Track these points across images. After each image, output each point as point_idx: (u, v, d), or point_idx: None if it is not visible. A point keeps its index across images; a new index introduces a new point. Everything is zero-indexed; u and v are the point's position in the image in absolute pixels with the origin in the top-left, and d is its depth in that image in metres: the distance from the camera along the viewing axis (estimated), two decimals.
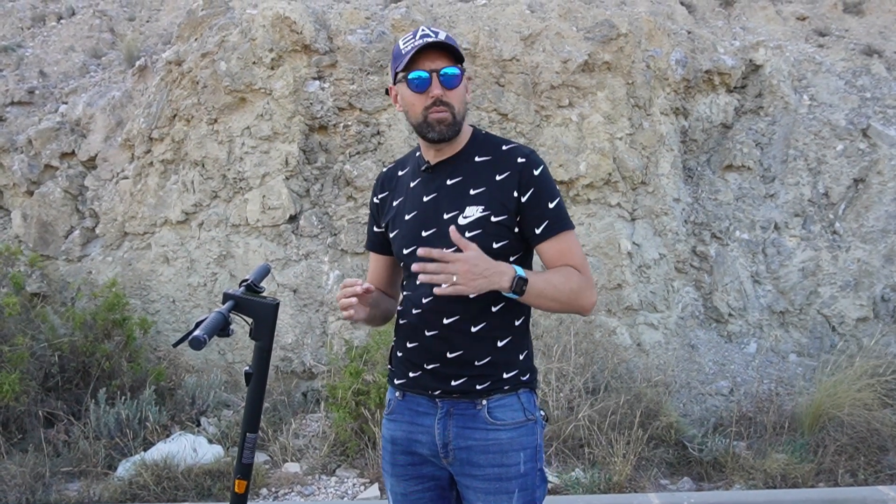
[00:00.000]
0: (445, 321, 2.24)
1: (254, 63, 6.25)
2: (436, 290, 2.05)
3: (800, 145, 6.80)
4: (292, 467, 4.98)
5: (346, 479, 4.89)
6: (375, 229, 2.49)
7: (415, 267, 2.06)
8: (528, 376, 2.32)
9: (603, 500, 4.42)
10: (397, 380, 2.39)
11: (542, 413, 2.38)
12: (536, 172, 2.25)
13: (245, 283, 2.27)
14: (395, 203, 2.39)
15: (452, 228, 2.07)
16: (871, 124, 6.84)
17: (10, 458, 4.82)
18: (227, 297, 2.22)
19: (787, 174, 6.76)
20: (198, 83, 6.39)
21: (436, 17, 6.71)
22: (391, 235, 2.38)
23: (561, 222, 2.25)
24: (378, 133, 6.30)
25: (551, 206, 2.24)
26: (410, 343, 2.32)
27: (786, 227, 6.65)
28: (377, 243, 2.49)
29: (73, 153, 6.83)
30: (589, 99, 6.46)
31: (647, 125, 6.57)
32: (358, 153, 6.29)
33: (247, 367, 2.26)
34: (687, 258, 6.55)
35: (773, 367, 6.24)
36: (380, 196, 2.46)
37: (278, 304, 2.26)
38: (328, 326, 6.06)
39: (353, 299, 2.21)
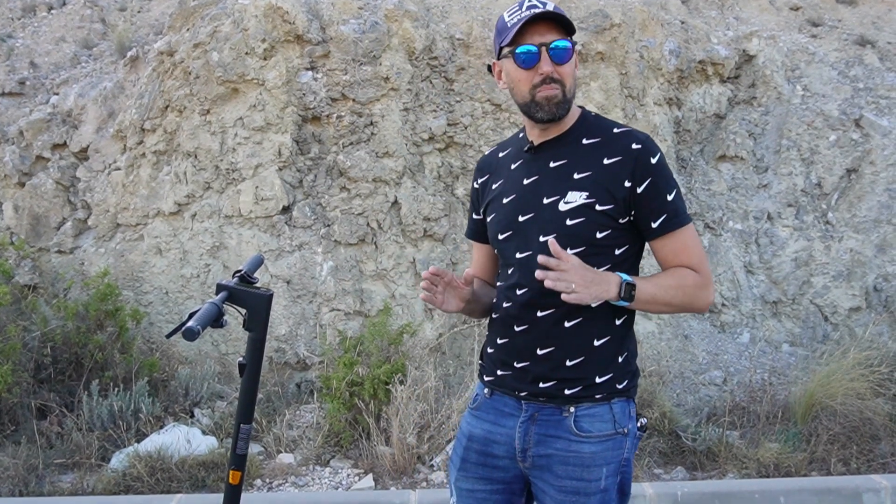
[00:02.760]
0: (539, 314, 2.10)
1: (246, 53, 6.22)
2: (564, 297, 1.92)
3: (793, 135, 6.81)
4: (286, 458, 4.97)
5: (339, 470, 4.89)
6: (475, 216, 2.37)
7: (538, 274, 1.92)
8: (625, 383, 2.14)
9: None
10: (487, 377, 2.27)
11: (642, 422, 2.18)
12: (654, 161, 2.06)
13: (238, 274, 2.25)
14: (494, 186, 2.26)
15: (552, 240, 1.93)
16: (864, 114, 6.85)
17: (2, 450, 4.81)
18: (220, 287, 2.20)
19: (780, 164, 6.77)
20: (190, 74, 6.36)
21: (429, 6, 6.68)
22: (488, 220, 2.25)
23: (679, 217, 2.08)
24: (371, 123, 6.28)
25: (670, 198, 2.06)
26: (501, 339, 2.20)
27: (779, 218, 6.67)
28: (477, 231, 2.36)
29: (64, 144, 6.79)
30: (582, 89, 6.45)
31: (641, 115, 6.57)
32: (351, 144, 6.27)
33: (240, 358, 2.24)
34: None
35: (766, 357, 6.26)
36: (479, 181, 2.33)
37: (272, 294, 2.24)
38: (322, 317, 6.05)
39: (435, 287, 2.12)
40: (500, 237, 2.19)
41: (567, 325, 2.08)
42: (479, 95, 6.33)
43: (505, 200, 2.19)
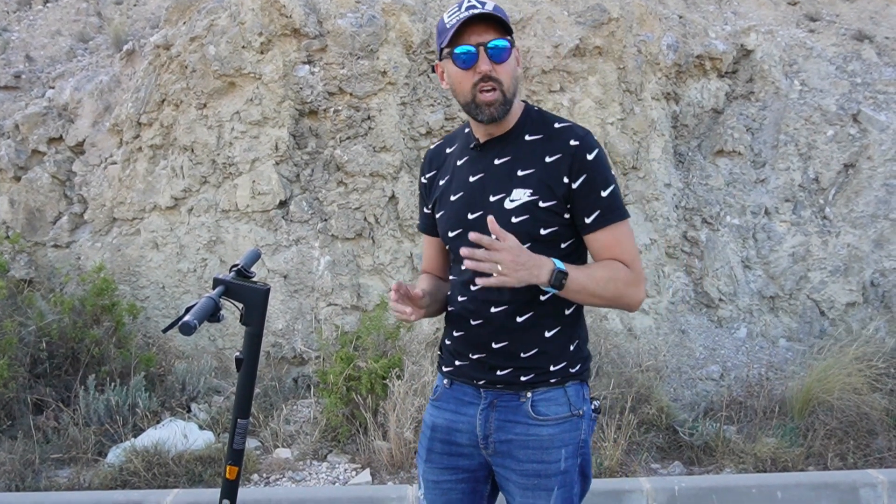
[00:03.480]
0: (493, 310, 2.15)
1: (243, 47, 6.20)
2: (478, 280, 1.96)
3: (790, 130, 6.80)
4: (283, 453, 4.97)
5: (337, 465, 4.88)
6: (425, 210, 2.39)
7: (464, 251, 1.96)
8: (578, 367, 2.22)
9: (594, 484, 4.42)
10: (445, 367, 2.32)
11: (595, 405, 2.26)
12: (590, 157, 2.10)
13: (235, 269, 2.25)
14: (441, 182, 2.29)
15: (491, 218, 1.96)
16: (862, 109, 6.85)
17: None
18: (217, 282, 2.20)
19: (777, 159, 6.76)
20: (186, 67, 6.33)
21: (426, 1, 6.66)
22: (437, 216, 2.29)
23: (614, 212, 2.11)
24: (369, 118, 6.27)
25: (604, 194, 2.10)
26: (458, 332, 2.25)
27: (776, 213, 6.66)
28: (429, 225, 2.38)
29: (60, 138, 6.77)
30: (580, 84, 6.44)
31: (639, 110, 6.56)
32: (348, 138, 6.25)
33: (238, 353, 2.24)
34: (678, 243, 6.55)
35: (763, 352, 6.26)
36: (427, 175, 2.36)
37: (269, 289, 2.24)
38: (319, 312, 6.04)
39: (408, 309, 2.12)
40: (451, 234, 2.23)
41: (519, 320, 2.14)
42: None
43: (453, 198, 2.23)
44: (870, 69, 7.20)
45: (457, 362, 2.27)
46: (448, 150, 2.34)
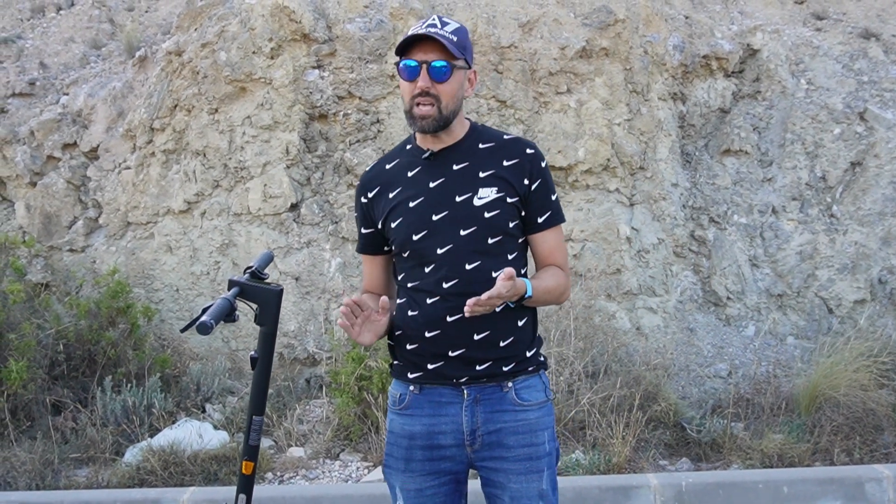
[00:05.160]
0: None
1: (253, 53, 6.29)
2: (466, 312, 2.11)
3: (797, 129, 6.84)
4: (297, 452, 5.05)
5: (349, 463, 4.96)
6: (364, 231, 2.46)
7: (468, 310, 2.10)
8: (542, 356, 2.42)
9: (603, 480, 4.49)
10: (411, 374, 2.35)
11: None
12: (543, 164, 2.35)
13: (249, 270, 2.32)
14: (391, 195, 2.36)
15: (509, 271, 2.10)
16: (869, 108, 6.88)
17: (19, 445, 4.90)
18: (232, 283, 2.27)
19: (784, 158, 6.80)
20: (198, 73, 6.43)
21: (434, 4, 6.74)
22: (393, 226, 2.34)
23: (559, 215, 2.39)
24: (378, 121, 6.35)
25: (553, 198, 2.37)
26: (430, 333, 2.29)
27: (783, 211, 6.70)
28: (369, 245, 2.47)
29: (75, 144, 6.88)
30: (587, 85, 6.49)
31: (645, 111, 6.61)
32: (358, 141, 6.34)
33: (252, 352, 2.30)
34: (685, 242, 6.60)
35: (771, 350, 6.30)
36: (369, 195, 2.42)
37: (282, 289, 2.31)
38: (330, 313, 6.12)
39: (353, 322, 2.19)
40: (415, 238, 2.30)
41: (497, 309, 2.23)
42: (485, 92, 6.39)
43: (412, 204, 2.32)
44: (876, 67, 7.22)
45: (429, 365, 2.31)
46: (388, 166, 2.42)
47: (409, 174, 2.37)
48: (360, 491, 4.53)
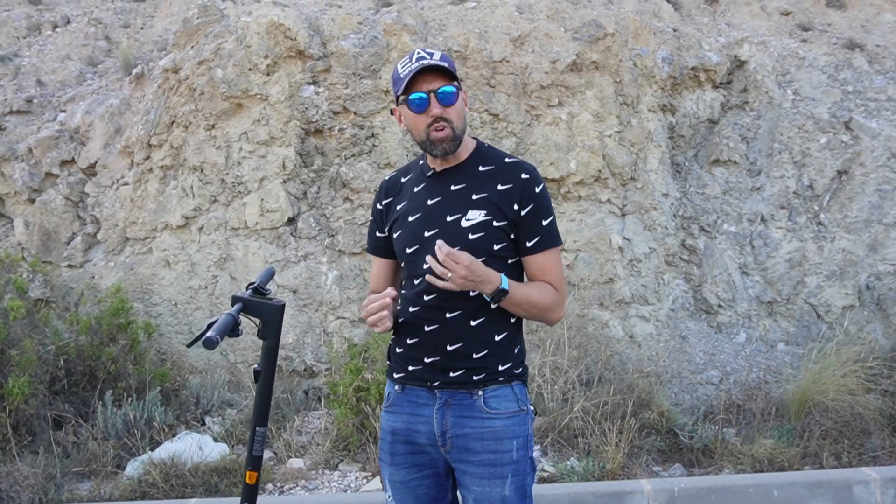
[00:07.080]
0: (448, 316, 2.40)
1: (249, 69, 6.39)
2: (427, 278, 2.27)
3: (784, 139, 6.96)
4: (296, 463, 5.12)
5: (348, 474, 5.03)
6: (378, 234, 2.63)
7: (429, 257, 2.24)
8: (520, 370, 2.50)
9: (597, 486, 4.57)
10: (396, 374, 2.54)
11: (532, 407, 2.54)
12: (537, 190, 2.44)
13: (252, 286, 2.42)
14: (398, 207, 2.54)
15: (440, 242, 2.24)
16: (854, 117, 7.00)
17: (21, 460, 4.95)
18: (235, 299, 2.37)
19: (772, 167, 6.91)
20: (195, 90, 6.52)
21: (426, 20, 6.85)
22: (395, 236, 2.53)
23: (551, 240, 2.46)
24: (372, 136, 6.44)
25: (545, 223, 2.44)
26: (411, 339, 2.47)
27: (772, 220, 6.81)
28: (380, 248, 2.64)
29: (73, 161, 6.96)
30: (578, 98, 6.60)
31: (636, 122, 6.72)
32: (353, 156, 6.43)
33: (255, 366, 2.40)
34: (676, 251, 6.70)
35: (761, 356, 6.39)
36: (384, 202, 2.61)
37: (284, 305, 2.40)
38: (328, 325, 6.20)
39: (385, 312, 2.35)
40: (409, 251, 2.48)
41: (473, 323, 2.40)
42: (478, 106, 6.49)
43: (411, 218, 2.49)
44: (861, 77, 7.36)
45: (409, 367, 2.49)
46: (403, 180, 2.60)
47: (415, 189, 2.53)
48: (359, 501, 4.60)
